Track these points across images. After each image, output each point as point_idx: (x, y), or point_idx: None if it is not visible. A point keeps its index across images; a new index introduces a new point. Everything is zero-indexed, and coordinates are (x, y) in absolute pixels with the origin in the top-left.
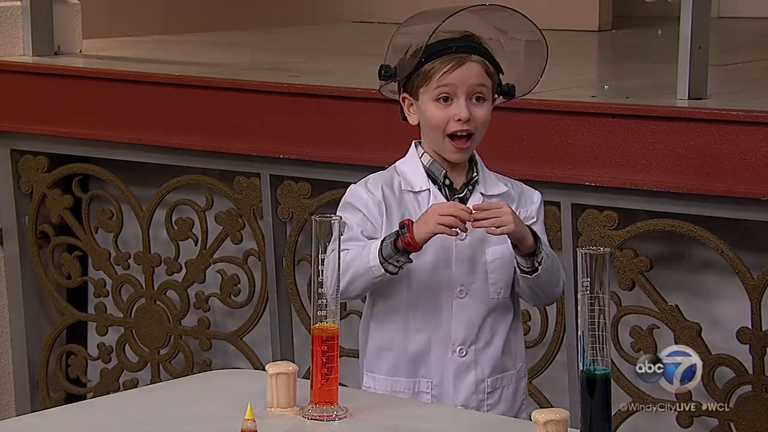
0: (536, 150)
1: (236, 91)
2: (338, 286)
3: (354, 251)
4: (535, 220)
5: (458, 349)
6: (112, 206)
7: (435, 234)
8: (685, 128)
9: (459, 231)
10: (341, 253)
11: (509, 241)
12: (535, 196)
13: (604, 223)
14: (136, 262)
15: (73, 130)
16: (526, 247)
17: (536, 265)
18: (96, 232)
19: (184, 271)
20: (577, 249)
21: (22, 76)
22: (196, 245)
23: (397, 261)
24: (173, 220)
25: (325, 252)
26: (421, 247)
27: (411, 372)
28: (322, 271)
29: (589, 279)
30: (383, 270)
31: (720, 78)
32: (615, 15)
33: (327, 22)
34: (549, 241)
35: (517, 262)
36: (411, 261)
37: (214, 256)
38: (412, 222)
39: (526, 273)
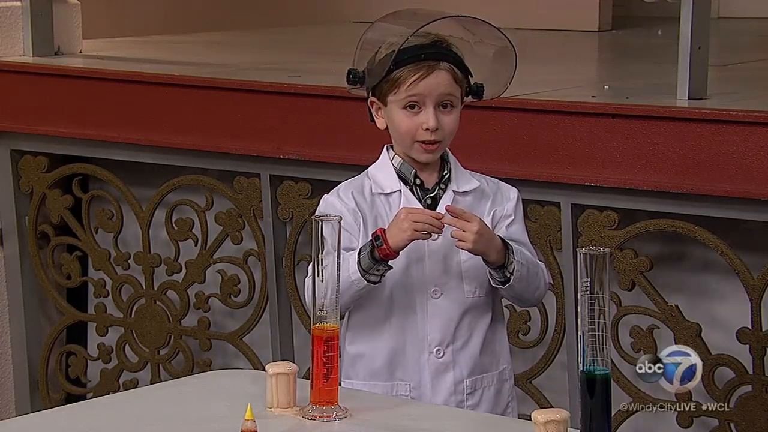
0: (536, 150)
1: (236, 91)
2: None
3: None
4: (512, 217)
5: (435, 350)
6: (112, 206)
7: (412, 241)
8: (685, 128)
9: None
10: (318, 270)
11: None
12: (512, 193)
13: (604, 223)
14: (136, 262)
15: (73, 130)
16: (492, 261)
17: (507, 276)
18: (96, 233)
19: (184, 271)
20: (577, 249)
21: (22, 76)
22: (196, 245)
23: (378, 270)
24: (173, 221)
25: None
26: (398, 254)
27: (388, 375)
28: (322, 271)
29: (589, 279)
30: (366, 282)
31: (720, 78)
32: (615, 15)
33: (327, 22)
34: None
35: (489, 273)
36: (391, 267)
37: (214, 257)
38: (384, 231)
39: (499, 283)
